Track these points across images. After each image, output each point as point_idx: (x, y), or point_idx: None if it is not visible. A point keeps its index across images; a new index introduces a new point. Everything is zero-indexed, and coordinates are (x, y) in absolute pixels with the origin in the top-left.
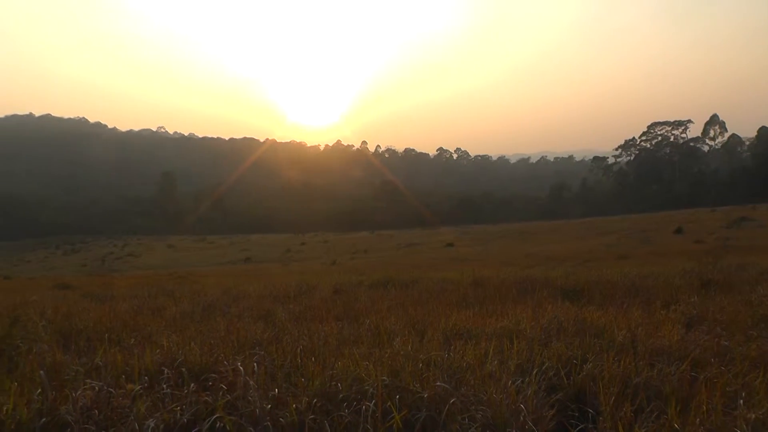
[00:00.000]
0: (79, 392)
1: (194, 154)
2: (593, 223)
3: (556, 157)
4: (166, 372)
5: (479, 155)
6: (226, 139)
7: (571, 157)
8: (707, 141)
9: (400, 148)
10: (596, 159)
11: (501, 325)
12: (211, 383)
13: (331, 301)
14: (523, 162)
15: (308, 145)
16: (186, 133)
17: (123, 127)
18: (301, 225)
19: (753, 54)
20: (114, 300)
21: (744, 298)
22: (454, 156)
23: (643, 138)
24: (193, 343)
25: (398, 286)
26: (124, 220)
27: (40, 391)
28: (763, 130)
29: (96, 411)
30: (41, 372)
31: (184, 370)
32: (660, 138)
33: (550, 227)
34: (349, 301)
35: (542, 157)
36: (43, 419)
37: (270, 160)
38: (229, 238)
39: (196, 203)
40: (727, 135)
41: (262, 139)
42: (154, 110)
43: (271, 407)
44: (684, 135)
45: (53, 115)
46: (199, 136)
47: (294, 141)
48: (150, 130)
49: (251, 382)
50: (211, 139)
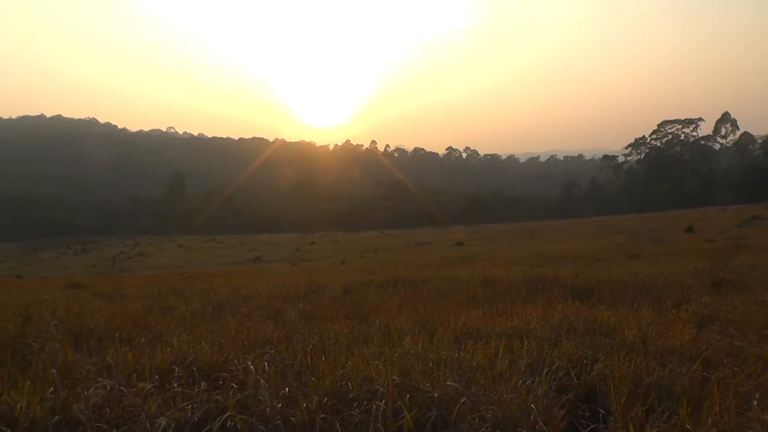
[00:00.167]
0: (90, 391)
1: (204, 154)
2: (603, 222)
3: (565, 156)
4: (176, 371)
5: (488, 154)
6: (236, 139)
7: (581, 156)
8: (718, 139)
9: (409, 147)
10: (606, 158)
11: (511, 325)
12: (221, 382)
13: (341, 301)
14: (533, 161)
15: (317, 145)
16: (195, 133)
17: (133, 128)
18: (310, 224)
19: (765, 51)
20: (125, 299)
21: (757, 297)
22: (464, 155)
23: (654, 136)
24: (203, 342)
25: (408, 285)
26: (135, 220)
27: (52, 389)
28: None
29: (108, 409)
30: (53, 370)
31: (194, 369)
32: (670, 136)
33: (559, 226)
34: (359, 301)
35: (552, 155)
36: (56, 417)
37: (279, 160)
38: (239, 238)
39: (206, 203)
40: (738, 133)
41: (271, 139)
42: (163, 110)
43: (281, 406)
44: (695, 133)
45: (64, 115)
46: (209, 136)
47: (303, 141)
48: (160, 130)
49: (262, 381)
50: (221, 139)
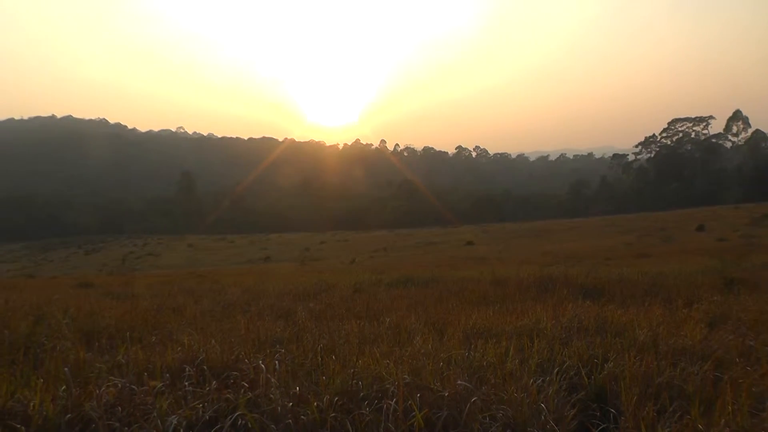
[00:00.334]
0: (102, 389)
1: (213, 153)
2: (613, 221)
3: (575, 155)
4: (187, 370)
5: (498, 153)
6: (245, 138)
7: (591, 155)
8: (730, 137)
9: (419, 146)
10: (616, 156)
11: (521, 324)
12: (232, 381)
13: (351, 300)
14: (543, 159)
15: (327, 145)
16: (205, 133)
17: (142, 128)
18: (320, 224)
19: None
20: (135, 298)
21: None
22: (473, 154)
23: (664, 134)
24: (213, 341)
25: (418, 284)
26: (144, 220)
27: (64, 387)
28: None
29: (119, 407)
30: (66, 369)
31: (205, 367)
32: (681, 134)
33: (569, 225)
34: (369, 300)
35: (562, 154)
36: (68, 415)
37: (289, 160)
38: (249, 238)
39: (216, 203)
40: (750, 131)
41: (280, 139)
42: (173, 111)
43: (292, 405)
44: (706, 131)
45: (74, 116)
46: (218, 136)
47: (313, 140)
48: (169, 130)
49: (273, 380)
50: (230, 139)
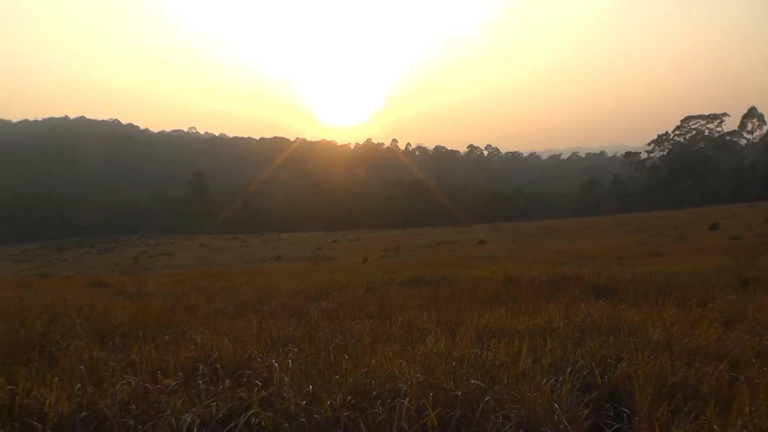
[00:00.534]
0: (116, 387)
1: (225, 153)
2: (626, 219)
3: (587, 153)
4: (200, 368)
5: (510, 152)
6: (257, 138)
7: (603, 153)
8: (744, 134)
9: (430, 145)
10: (628, 154)
11: (534, 323)
12: (245, 379)
13: (363, 299)
14: (554, 158)
15: (338, 144)
16: (217, 134)
17: (155, 128)
18: (331, 223)
19: None
20: (148, 298)
21: None
22: (485, 153)
23: (677, 132)
24: (226, 340)
25: (430, 283)
26: (157, 220)
27: (79, 385)
28: None
29: (133, 406)
30: (81, 367)
31: (218, 366)
32: (694, 132)
33: (581, 224)
34: (382, 299)
35: (573, 153)
36: (83, 413)
37: (300, 159)
38: (260, 237)
39: (228, 202)
40: (765, 128)
41: (292, 139)
42: (185, 111)
43: (306, 404)
44: (719, 129)
45: (87, 117)
46: (230, 136)
47: (324, 140)
48: (181, 130)
49: (286, 379)
50: (242, 138)
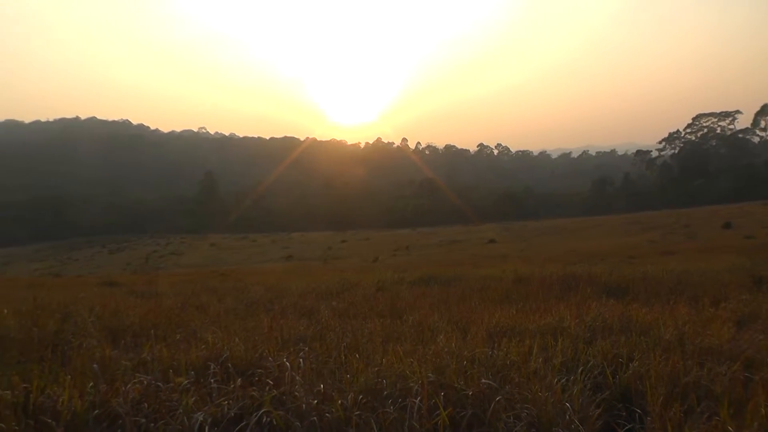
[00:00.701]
0: (128, 386)
1: (235, 153)
2: (637, 218)
3: (597, 152)
4: (212, 367)
5: (520, 151)
6: (267, 138)
7: (614, 151)
8: (758, 132)
9: (440, 144)
10: (639, 153)
11: (545, 323)
12: (257, 378)
13: (374, 298)
14: (565, 157)
15: (348, 143)
16: (227, 133)
17: (165, 129)
18: (341, 223)
19: None
20: (159, 297)
21: None
22: (495, 152)
23: (688, 130)
24: (237, 339)
25: (440, 283)
26: (167, 220)
27: (92, 384)
28: None
29: (145, 404)
30: (94, 365)
31: (229, 365)
32: (706, 130)
33: (592, 223)
34: (392, 298)
35: (584, 151)
36: (96, 411)
37: (310, 159)
38: (271, 237)
39: (238, 202)
40: None
41: (302, 138)
42: (195, 111)
43: (317, 403)
44: (732, 126)
45: (98, 117)
46: (240, 136)
47: (334, 139)
48: (191, 130)
49: (297, 378)
50: (252, 138)
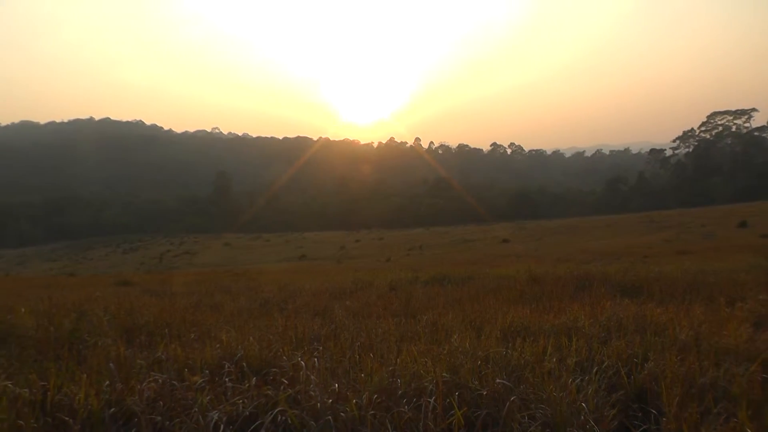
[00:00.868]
0: (144, 384)
1: (248, 153)
2: (651, 217)
3: (611, 150)
4: (226, 366)
5: (533, 150)
6: (280, 138)
7: (627, 150)
8: None
9: (453, 144)
10: (653, 151)
11: (559, 322)
12: (271, 377)
13: (388, 298)
14: (578, 156)
15: (361, 143)
16: (240, 134)
17: (178, 129)
18: (355, 222)
19: None
20: (173, 296)
21: None
22: (508, 151)
23: (703, 128)
24: (251, 339)
25: (454, 282)
26: (181, 219)
27: (108, 382)
28: None
29: (161, 402)
30: (110, 364)
31: (244, 364)
32: (721, 128)
33: (606, 222)
34: (406, 298)
35: (598, 150)
36: (112, 409)
37: (323, 159)
38: (284, 236)
39: (251, 202)
40: None
41: (315, 138)
42: (208, 112)
43: (332, 402)
44: (747, 124)
45: (112, 118)
46: (253, 136)
47: (347, 139)
48: (205, 131)
49: (312, 377)
50: (265, 138)
